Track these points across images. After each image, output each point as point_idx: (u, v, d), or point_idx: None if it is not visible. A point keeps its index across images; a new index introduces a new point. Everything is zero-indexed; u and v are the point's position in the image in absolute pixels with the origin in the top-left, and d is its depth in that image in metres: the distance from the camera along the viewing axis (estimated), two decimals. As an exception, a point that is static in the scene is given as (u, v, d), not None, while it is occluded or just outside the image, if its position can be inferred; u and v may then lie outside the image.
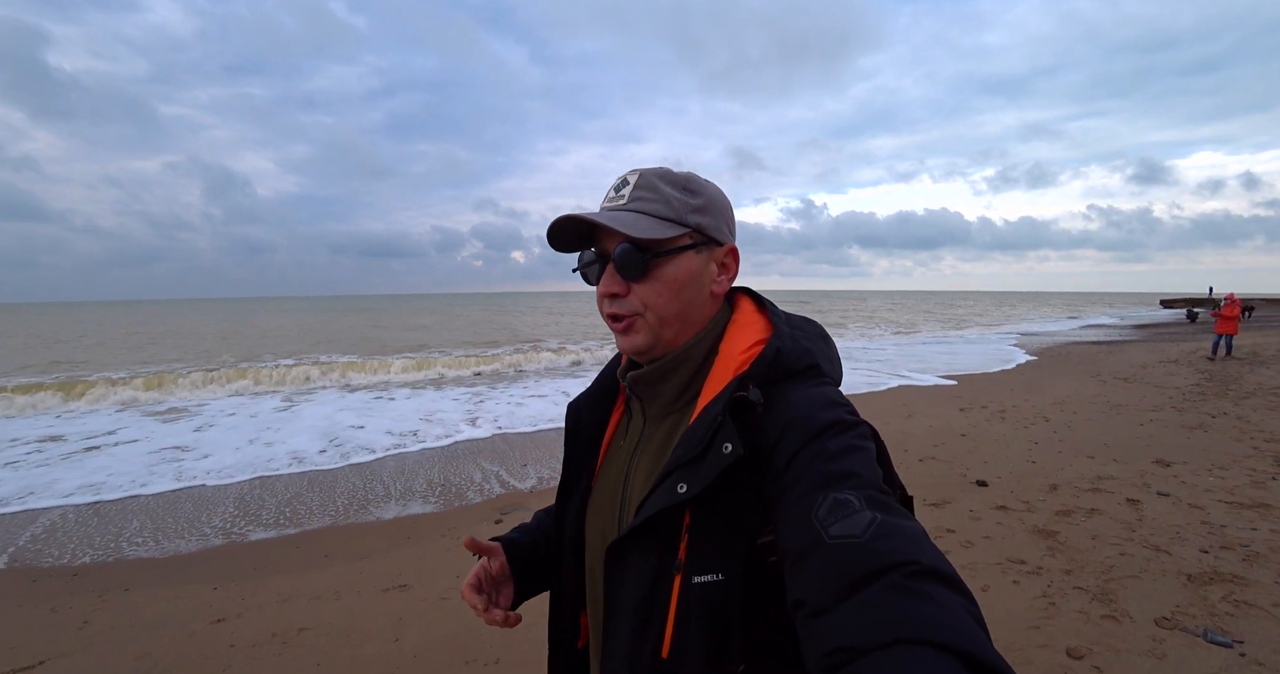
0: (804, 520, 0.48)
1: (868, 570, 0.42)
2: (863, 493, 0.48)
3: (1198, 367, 10.82)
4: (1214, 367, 10.84)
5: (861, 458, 0.52)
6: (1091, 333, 22.78)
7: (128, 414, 8.92)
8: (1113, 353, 14.47)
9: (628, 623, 0.60)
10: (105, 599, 3.12)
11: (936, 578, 0.41)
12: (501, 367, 14.02)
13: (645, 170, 0.65)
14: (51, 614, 2.98)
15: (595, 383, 0.78)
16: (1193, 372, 10.16)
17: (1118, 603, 2.58)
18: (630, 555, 0.60)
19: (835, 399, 0.59)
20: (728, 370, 0.61)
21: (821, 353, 0.65)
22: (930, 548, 0.44)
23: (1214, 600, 2.57)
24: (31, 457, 6.35)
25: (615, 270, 0.64)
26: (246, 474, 5.48)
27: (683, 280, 0.63)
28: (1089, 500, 3.92)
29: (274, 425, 7.76)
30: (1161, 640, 2.29)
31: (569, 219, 0.63)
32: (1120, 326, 27.06)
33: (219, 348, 20.77)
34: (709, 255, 0.65)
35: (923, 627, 0.38)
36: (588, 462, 0.74)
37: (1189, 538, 3.25)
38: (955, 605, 0.40)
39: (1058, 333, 22.91)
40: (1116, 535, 3.32)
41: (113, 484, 5.24)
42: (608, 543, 0.64)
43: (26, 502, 4.79)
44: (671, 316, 0.64)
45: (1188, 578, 2.78)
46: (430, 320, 40.48)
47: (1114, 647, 2.26)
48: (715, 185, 0.68)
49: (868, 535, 0.44)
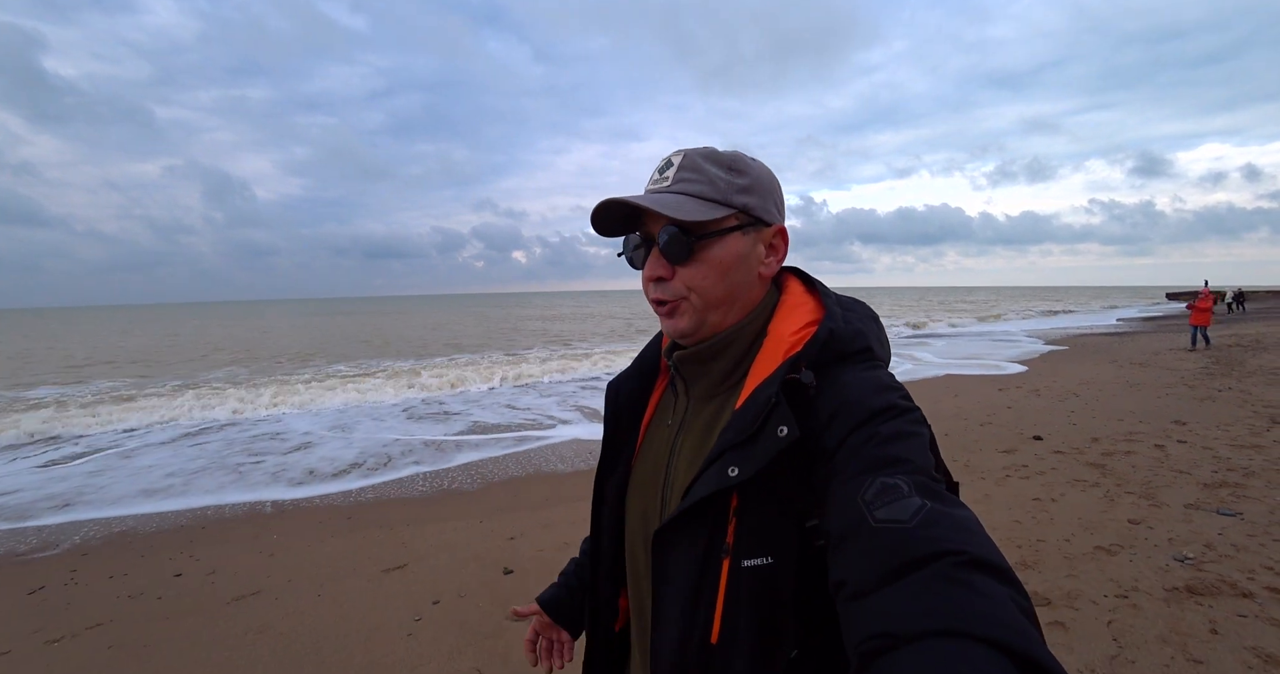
0: (850, 503, 0.49)
1: (913, 557, 0.42)
2: (913, 478, 0.48)
3: (1204, 352, 12.21)
4: (1218, 352, 12.23)
5: (914, 443, 0.52)
6: (1105, 326, 24.30)
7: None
8: (1125, 342, 15.91)
9: (675, 607, 0.60)
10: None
11: (985, 569, 0.41)
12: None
13: (690, 150, 0.65)
14: (271, 559, 4.15)
15: (635, 362, 0.80)
16: (1200, 357, 11.53)
17: (1157, 498, 3.84)
18: (677, 540, 0.61)
19: (888, 383, 0.59)
20: (778, 352, 0.62)
21: (874, 335, 0.65)
22: (981, 537, 0.44)
23: (1223, 496, 3.82)
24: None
25: (660, 254, 0.64)
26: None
27: (729, 262, 0.63)
28: (1125, 446, 5.19)
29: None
30: (1189, 515, 3.54)
31: (612, 202, 0.63)
32: (1135, 318, 28.68)
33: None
34: (756, 236, 0.65)
35: (968, 619, 0.37)
36: (628, 441, 0.75)
37: (1203, 465, 4.51)
38: (1004, 598, 0.39)
39: (1083, 327, 24.39)
40: (1150, 466, 4.58)
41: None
42: (649, 523, 0.68)
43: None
44: (718, 299, 0.64)
45: (1204, 485, 4.04)
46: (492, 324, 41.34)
47: (1158, 518, 3.51)
48: (763, 164, 0.67)
49: (915, 521, 0.44)
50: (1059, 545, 3.20)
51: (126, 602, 3.15)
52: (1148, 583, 2.75)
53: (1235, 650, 2.21)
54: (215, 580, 3.35)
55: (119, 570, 3.56)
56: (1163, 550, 3.08)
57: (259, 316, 53.73)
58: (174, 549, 3.88)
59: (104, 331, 35.61)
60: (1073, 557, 3.06)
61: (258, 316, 54.62)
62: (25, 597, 3.29)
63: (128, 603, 3.13)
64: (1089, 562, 3.00)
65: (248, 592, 3.17)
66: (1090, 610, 2.54)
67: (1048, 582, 2.80)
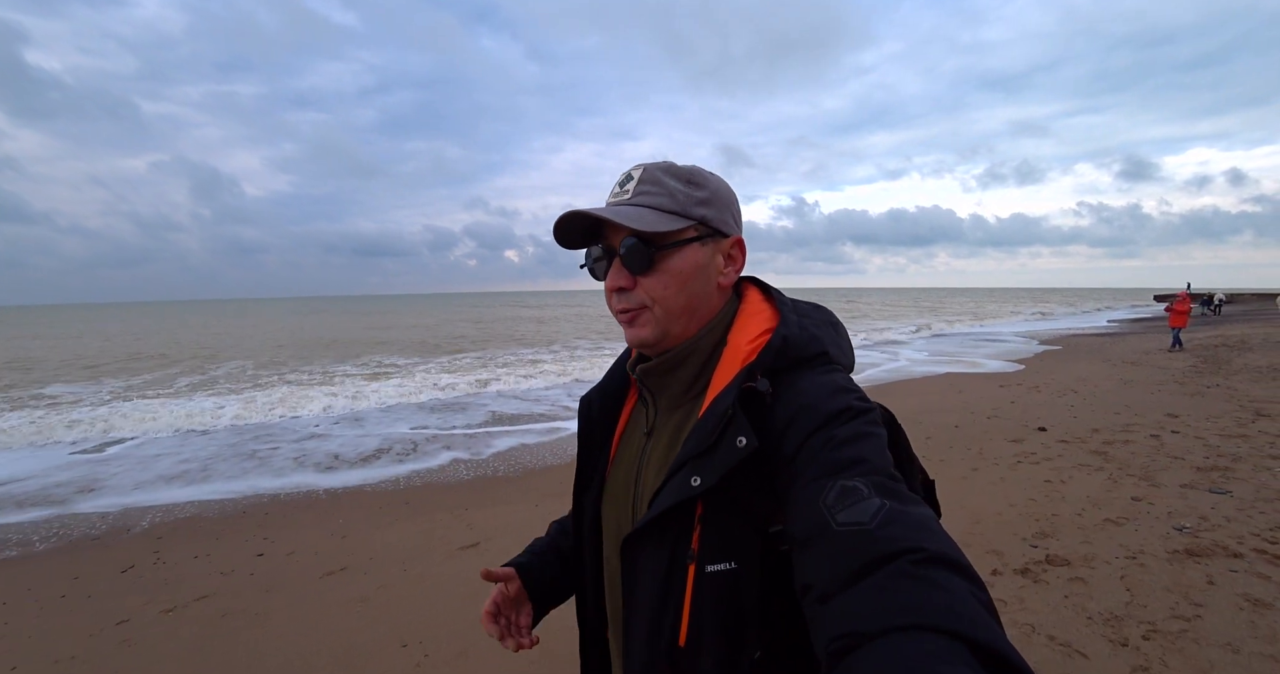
0: (812, 507, 0.50)
1: (874, 557, 0.44)
2: (871, 479, 0.50)
3: (1193, 352, 12.86)
4: (1206, 352, 12.88)
5: (871, 444, 0.54)
6: (1096, 327, 25.13)
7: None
8: (1116, 342, 16.60)
9: (644, 612, 0.63)
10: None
11: (944, 564, 0.42)
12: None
13: (649, 165, 0.68)
14: (343, 539, 4.46)
15: (606, 376, 0.82)
16: (1189, 356, 12.16)
17: (1155, 479, 4.28)
18: (644, 547, 0.63)
19: (844, 386, 0.60)
20: (736, 361, 0.64)
21: (830, 340, 0.67)
22: (939, 534, 0.46)
23: (1214, 477, 4.28)
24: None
25: (622, 264, 0.66)
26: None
27: (689, 272, 0.66)
28: (1123, 436, 5.66)
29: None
30: (1184, 493, 3.98)
31: (574, 215, 0.66)
32: (1125, 319, 29.62)
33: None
34: (715, 247, 0.68)
35: (928, 613, 0.39)
36: (602, 454, 0.78)
37: (1195, 451, 4.98)
38: (962, 591, 0.41)
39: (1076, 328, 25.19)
40: (1147, 453, 5.04)
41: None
42: (621, 531, 0.70)
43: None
44: (679, 309, 0.67)
45: (1197, 468, 4.50)
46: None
47: (1158, 496, 3.94)
48: (720, 178, 0.70)
49: (875, 522, 0.46)
50: (1072, 518, 3.62)
51: (220, 578, 3.44)
52: (1152, 547, 3.17)
53: (1229, 597, 2.62)
54: (297, 559, 3.65)
55: (201, 552, 3.84)
56: (1163, 522, 3.51)
57: (246, 315, 53.47)
58: (246, 532, 4.16)
59: (91, 330, 35.24)
60: (1085, 527, 3.48)
61: (246, 315, 54.34)
62: (119, 574, 3.56)
63: (222, 579, 3.43)
64: (1099, 531, 3.41)
65: (335, 568, 3.48)
66: (1104, 569, 2.95)
67: (1066, 547, 3.21)
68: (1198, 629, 2.40)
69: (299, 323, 40.76)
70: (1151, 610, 2.55)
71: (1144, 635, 2.37)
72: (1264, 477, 4.24)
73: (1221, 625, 2.41)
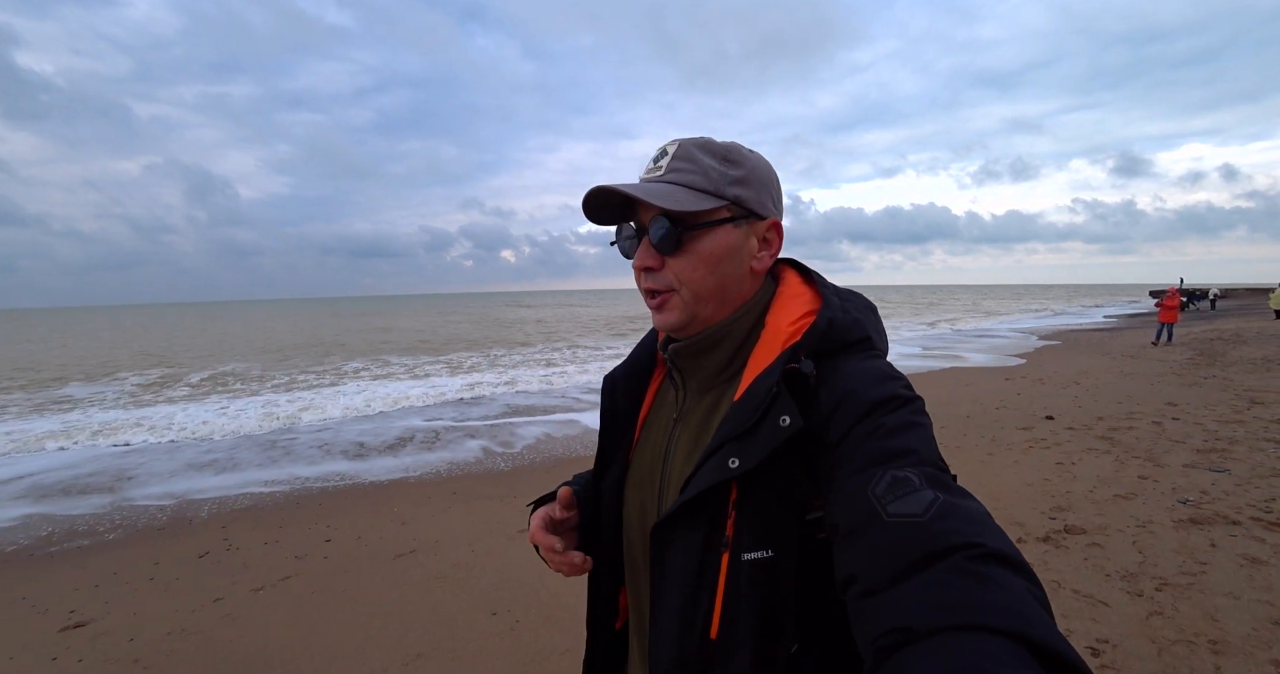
0: (860, 496, 0.49)
1: (929, 551, 0.43)
2: (922, 471, 0.49)
3: (1190, 345, 13.34)
4: (1201, 345, 13.36)
5: (919, 434, 0.53)
6: (1093, 322, 25.72)
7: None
8: (1114, 337, 17.11)
9: (674, 602, 0.61)
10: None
11: (1001, 561, 0.42)
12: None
13: (685, 140, 0.65)
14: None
15: (631, 355, 0.81)
16: (1186, 349, 12.63)
17: (1159, 460, 4.65)
18: (676, 533, 0.61)
19: (890, 373, 0.60)
20: (777, 342, 0.62)
21: (872, 325, 0.67)
22: (994, 529, 0.45)
23: (1213, 458, 4.65)
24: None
25: (650, 244, 0.65)
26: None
27: (719, 254, 0.64)
28: (1127, 423, 6.03)
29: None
30: (1187, 472, 4.35)
31: (602, 191, 0.64)
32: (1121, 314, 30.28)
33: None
34: (749, 229, 0.66)
35: (986, 612, 0.38)
36: (625, 435, 0.76)
37: (1195, 435, 5.36)
38: (1020, 590, 0.40)
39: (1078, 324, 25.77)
40: (1150, 438, 5.41)
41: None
42: (646, 518, 0.69)
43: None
44: (707, 292, 0.65)
45: (1197, 450, 4.87)
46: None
47: (1162, 474, 4.31)
48: (760, 156, 0.68)
49: (929, 515, 0.45)
50: (1085, 494, 3.98)
51: (296, 561, 3.72)
52: (1159, 517, 3.52)
53: (1229, 556, 2.98)
54: (365, 544, 3.94)
55: (270, 538, 4.11)
56: (1168, 496, 3.87)
57: (244, 317, 53.46)
58: (307, 521, 4.44)
59: (90, 334, 35.19)
60: (1098, 502, 3.83)
61: (243, 317, 54.34)
62: (197, 559, 3.84)
63: (298, 562, 3.71)
64: (1111, 505, 3.77)
65: (405, 550, 3.77)
66: (1118, 536, 3.30)
67: (1082, 518, 3.56)
68: (1203, 582, 2.74)
69: (298, 324, 40.81)
70: (1162, 568, 2.90)
71: (1156, 588, 2.71)
72: (1259, 457, 4.62)
73: (1223, 579, 2.76)
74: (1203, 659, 2.19)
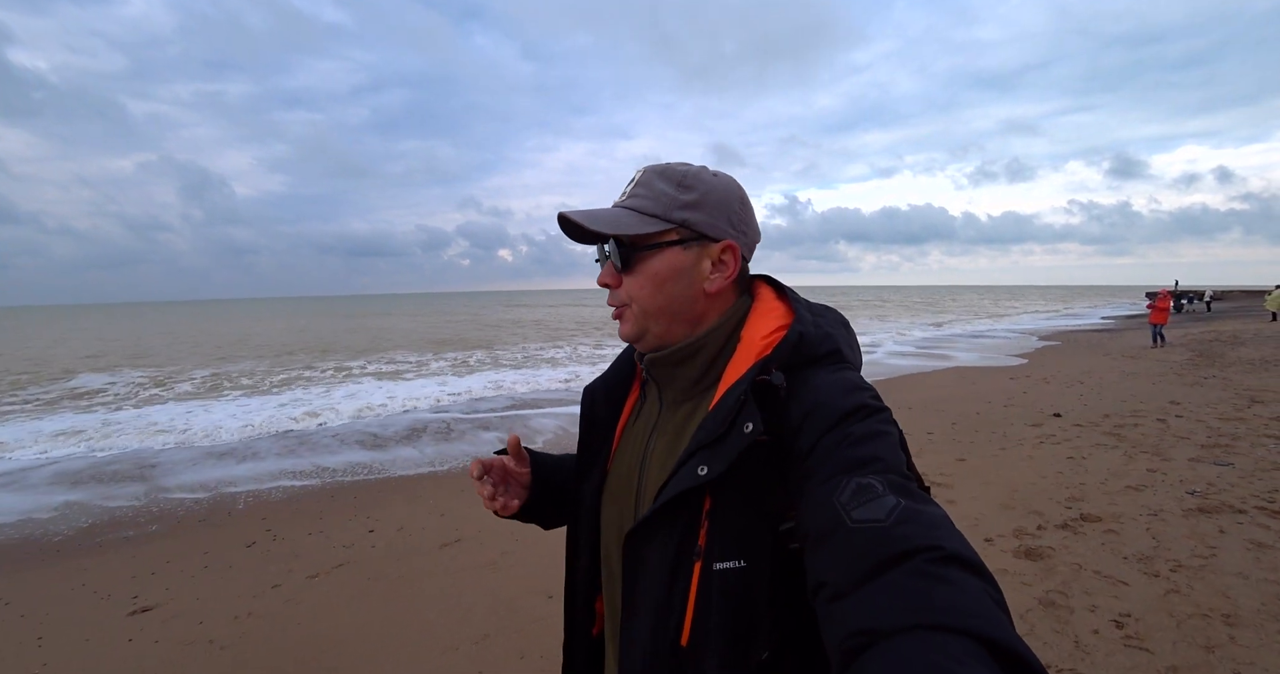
0: (826, 504, 0.51)
1: (890, 555, 0.44)
2: (886, 477, 0.51)
3: (1189, 346, 13.68)
4: (1200, 346, 13.71)
5: (885, 443, 0.55)
6: (1091, 323, 26.15)
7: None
8: (1114, 338, 17.47)
9: (646, 610, 0.63)
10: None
11: (959, 563, 0.43)
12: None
13: (650, 167, 0.71)
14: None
15: (611, 367, 0.84)
16: (1185, 350, 12.96)
17: (1166, 454, 4.90)
18: (649, 541, 0.63)
19: (859, 384, 0.62)
20: (749, 355, 0.65)
21: (843, 339, 0.69)
22: (953, 533, 0.46)
23: (1217, 453, 4.90)
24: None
25: (610, 263, 0.71)
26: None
27: (664, 275, 0.68)
28: (1132, 420, 6.29)
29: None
30: (1192, 465, 4.60)
31: (561, 217, 0.71)
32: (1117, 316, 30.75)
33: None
34: (700, 251, 0.69)
35: (943, 612, 0.40)
36: (603, 445, 0.79)
37: (1198, 432, 5.61)
38: (977, 590, 0.41)
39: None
40: (1156, 434, 5.67)
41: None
42: (622, 526, 0.70)
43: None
44: (655, 310, 0.69)
45: (1201, 445, 5.13)
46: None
47: (1169, 468, 4.56)
48: (726, 179, 0.71)
49: (891, 520, 0.47)
50: (1097, 486, 4.21)
51: (344, 550, 3.90)
52: (1169, 506, 3.76)
53: (1237, 541, 3.21)
54: (409, 534, 4.11)
55: (313, 529, 4.28)
56: (1176, 488, 4.11)
57: (242, 316, 53.26)
58: (346, 512, 4.61)
59: (89, 332, 35.00)
60: (1110, 492, 4.06)
61: (242, 316, 54.14)
62: (245, 548, 4.00)
63: (347, 551, 3.88)
64: (1123, 495, 4.00)
65: (450, 540, 3.95)
66: (1131, 524, 3.53)
67: (1096, 507, 3.79)
68: (1214, 564, 2.97)
69: (297, 323, 40.78)
70: (1175, 552, 3.13)
71: (1171, 569, 2.94)
72: (1260, 452, 4.87)
73: (1232, 561, 2.99)
74: (1218, 630, 2.41)
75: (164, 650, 2.84)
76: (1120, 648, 2.32)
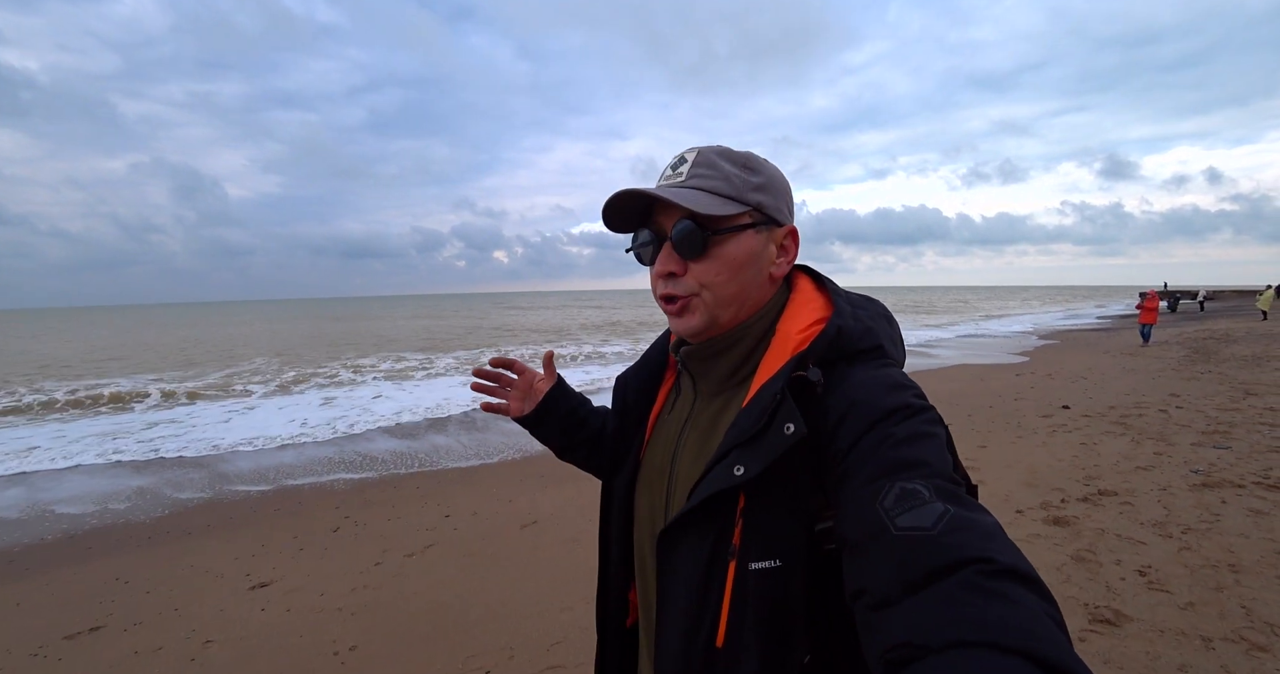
0: (868, 509, 0.50)
1: (939, 565, 0.43)
2: (932, 482, 0.49)
3: (1184, 344, 14.38)
4: (1195, 344, 14.41)
5: (931, 445, 0.53)
6: (1087, 323, 27.00)
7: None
8: (1111, 336, 18.21)
9: (680, 609, 0.63)
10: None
11: (1014, 577, 0.42)
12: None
13: (704, 148, 0.68)
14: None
15: (644, 357, 0.85)
16: (1181, 347, 13.64)
17: (1170, 440, 5.43)
18: (683, 540, 0.63)
19: (901, 382, 0.60)
20: (786, 349, 0.64)
21: (885, 333, 0.68)
22: (1007, 544, 0.45)
23: (1216, 438, 5.45)
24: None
25: (673, 248, 0.67)
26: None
27: (742, 260, 0.66)
28: (1136, 411, 6.84)
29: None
30: (1195, 449, 5.14)
31: (628, 194, 0.66)
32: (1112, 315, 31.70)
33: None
34: (769, 236, 0.69)
35: (998, 629, 0.38)
36: (636, 436, 0.80)
37: (1198, 422, 6.17)
38: (1033, 607, 0.40)
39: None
40: (1159, 423, 6.21)
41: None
42: (655, 521, 0.71)
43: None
44: (729, 297, 0.67)
45: (1202, 432, 5.67)
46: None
47: (1174, 451, 5.09)
48: (774, 165, 0.71)
49: (939, 528, 0.45)
50: (1110, 468, 4.72)
51: (428, 533, 4.30)
52: (1176, 483, 4.27)
53: (1238, 510, 3.72)
54: (484, 519, 4.52)
55: (392, 515, 4.68)
56: (1182, 468, 4.63)
57: (239, 317, 53.11)
58: (416, 500, 5.00)
59: (86, 335, 34.91)
60: (1122, 472, 4.58)
61: (238, 317, 53.98)
62: (332, 533, 4.39)
63: (431, 533, 4.28)
64: (1134, 474, 4.52)
65: (528, 521, 4.37)
66: (1144, 497, 4.03)
67: (1112, 484, 4.30)
68: (1218, 528, 3.47)
69: (295, 324, 40.84)
70: (1184, 519, 3.63)
71: (1182, 532, 3.44)
72: (1256, 437, 5.42)
73: (1234, 525, 3.49)
74: (1225, 576, 2.90)
75: (298, 618, 3.23)
76: (1145, 590, 2.81)
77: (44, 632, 3.19)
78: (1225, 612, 2.60)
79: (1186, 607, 2.66)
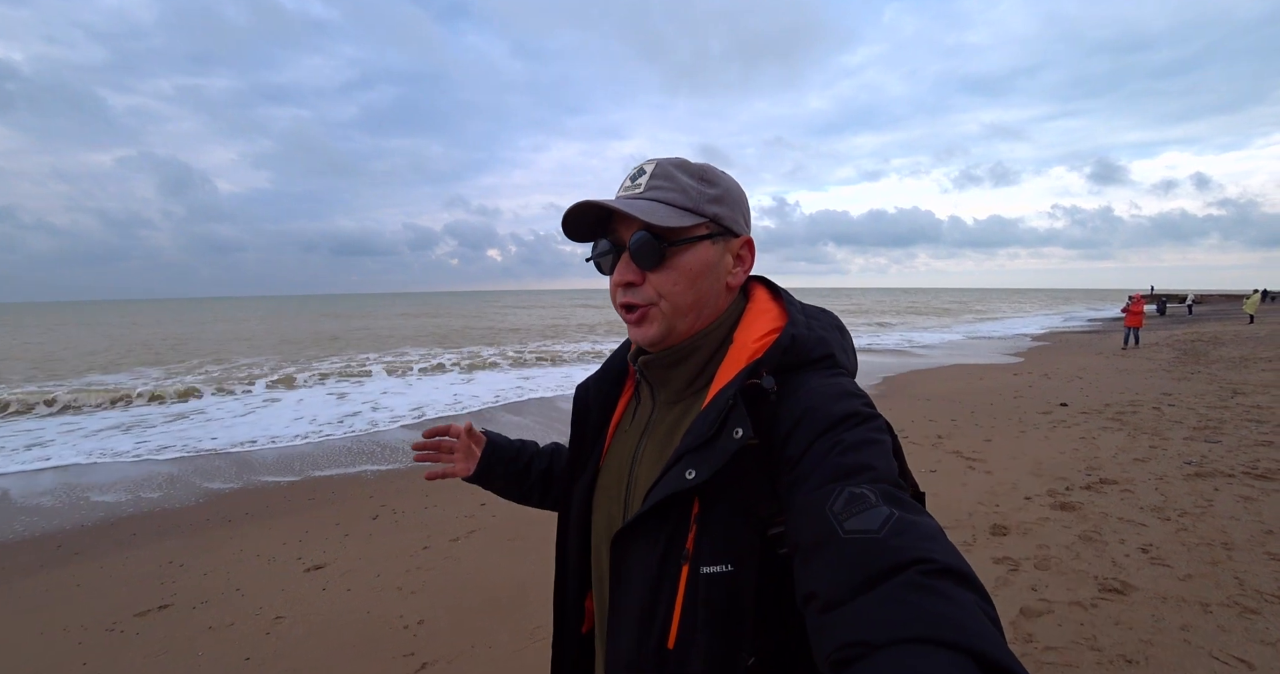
0: (818, 513, 0.52)
1: (884, 566, 0.45)
2: (878, 487, 0.52)
3: (1174, 346, 14.92)
4: (1185, 346, 14.95)
5: (877, 450, 0.56)
6: (1078, 325, 27.68)
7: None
8: (1102, 338, 18.78)
9: (633, 612, 0.65)
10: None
11: (952, 576, 0.44)
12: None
13: (662, 160, 0.71)
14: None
15: (604, 366, 0.87)
16: (1171, 349, 14.17)
17: (1164, 435, 5.81)
18: (636, 543, 0.65)
19: (851, 390, 0.63)
20: (741, 358, 0.67)
21: (837, 343, 0.70)
22: (946, 545, 0.47)
23: (1207, 433, 5.83)
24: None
25: (631, 259, 0.69)
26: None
27: (698, 270, 0.69)
28: (1131, 409, 7.23)
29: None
30: (1187, 443, 5.51)
31: (586, 205, 0.68)
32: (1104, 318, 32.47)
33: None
34: (725, 246, 0.71)
35: (937, 625, 0.40)
36: (595, 444, 0.82)
37: (1190, 419, 6.56)
38: (969, 604, 0.42)
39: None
40: (1153, 419, 6.60)
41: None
42: (611, 526, 0.73)
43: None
44: (686, 306, 0.70)
45: (1193, 428, 6.06)
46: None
47: (1168, 445, 5.46)
48: (732, 177, 0.73)
49: (885, 532, 0.47)
50: (1108, 460, 5.07)
51: (468, 519, 4.53)
52: (1171, 473, 4.62)
53: (1229, 496, 4.07)
54: (519, 506, 4.75)
55: (427, 505, 4.90)
56: (1176, 459, 4.99)
57: (233, 313, 52.60)
58: (448, 490, 5.21)
59: (88, 327, 34.47)
60: (1121, 464, 4.93)
61: (233, 313, 53.46)
62: (372, 520, 4.61)
63: (471, 520, 4.52)
64: (1132, 465, 4.87)
65: (561, 508, 4.61)
66: (1141, 486, 4.37)
67: (1112, 474, 4.64)
68: (1212, 512, 3.82)
69: (290, 321, 40.61)
70: (1180, 504, 3.97)
71: (1179, 515, 3.78)
72: (1244, 432, 5.81)
73: (1226, 509, 3.84)
74: (1219, 552, 3.23)
75: (360, 597, 3.46)
76: (1147, 564, 3.13)
77: (114, 609, 3.38)
78: (1220, 582, 2.92)
79: (1185, 578, 2.98)
